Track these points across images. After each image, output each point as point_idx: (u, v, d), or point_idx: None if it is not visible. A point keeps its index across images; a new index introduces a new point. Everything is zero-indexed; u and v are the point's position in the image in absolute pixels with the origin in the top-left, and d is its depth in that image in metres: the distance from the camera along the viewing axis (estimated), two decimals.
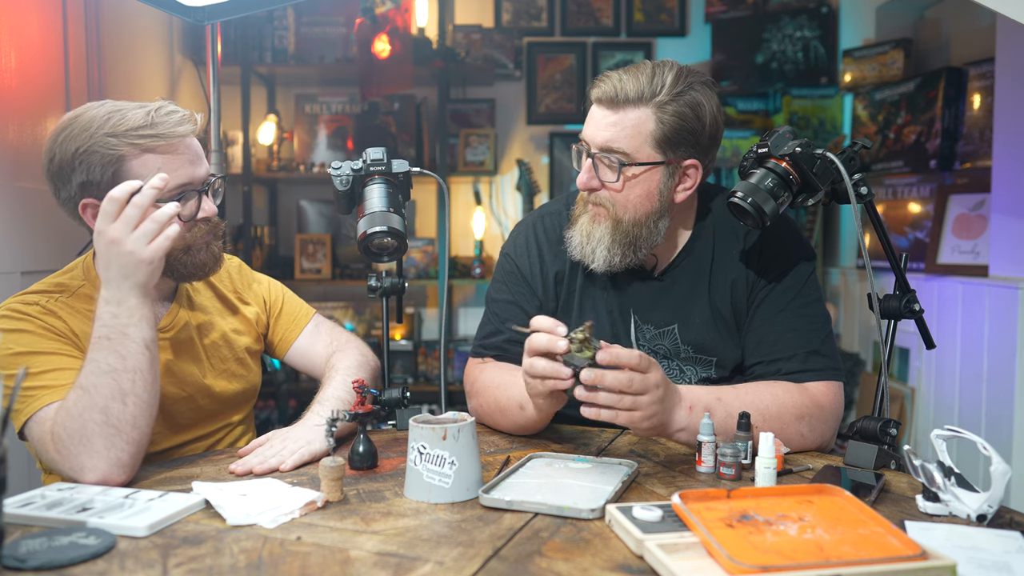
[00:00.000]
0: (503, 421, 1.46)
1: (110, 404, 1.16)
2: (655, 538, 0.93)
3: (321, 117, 3.86)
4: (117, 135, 1.28)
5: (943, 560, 0.86)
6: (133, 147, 1.28)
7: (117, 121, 1.28)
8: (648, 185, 1.40)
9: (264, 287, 1.64)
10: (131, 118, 1.29)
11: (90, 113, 1.30)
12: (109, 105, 1.32)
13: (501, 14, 3.94)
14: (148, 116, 1.29)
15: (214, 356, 1.49)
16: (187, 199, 1.33)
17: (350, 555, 0.94)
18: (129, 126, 1.28)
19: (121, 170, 1.29)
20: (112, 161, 1.28)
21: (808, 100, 3.79)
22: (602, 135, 1.38)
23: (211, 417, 1.48)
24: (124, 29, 2.91)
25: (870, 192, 1.36)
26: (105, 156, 1.28)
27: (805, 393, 1.38)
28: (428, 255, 3.82)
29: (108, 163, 1.28)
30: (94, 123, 1.29)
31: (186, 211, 1.33)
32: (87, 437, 1.14)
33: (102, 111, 1.30)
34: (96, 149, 1.28)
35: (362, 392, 1.34)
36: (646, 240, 1.43)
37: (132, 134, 1.28)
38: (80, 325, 1.31)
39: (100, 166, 1.28)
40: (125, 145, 1.28)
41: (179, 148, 1.31)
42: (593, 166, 1.40)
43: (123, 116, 1.29)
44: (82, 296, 1.35)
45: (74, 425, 1.15)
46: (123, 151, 1.28)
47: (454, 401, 3.64)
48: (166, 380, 1.38)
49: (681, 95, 1.36)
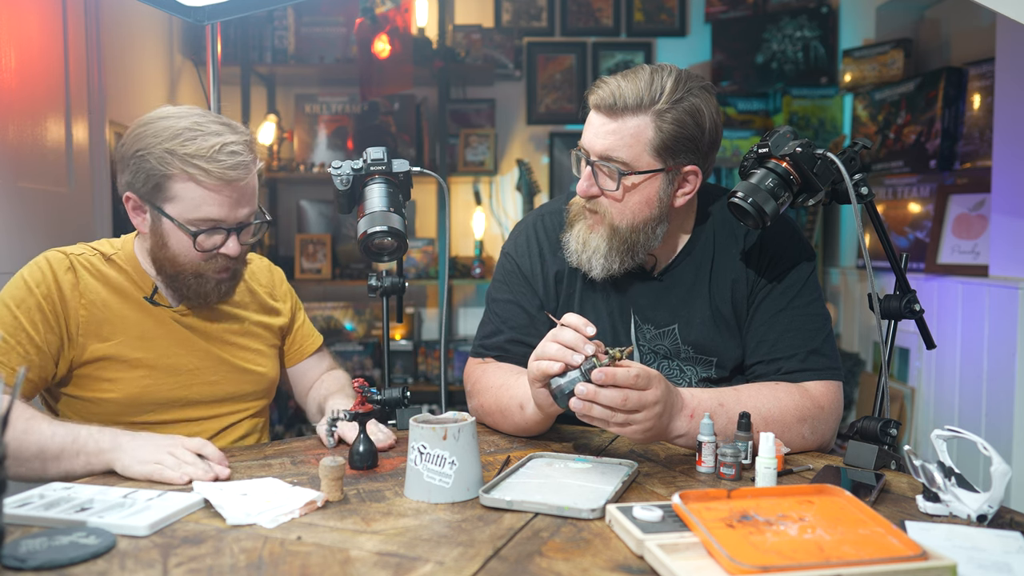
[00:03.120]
0: (503, 422, 1.46)
1: (32, 460, 1.25)
2: (655, 538, 0.93)
3: (321, 117, 3.86)
4: (175, 154, 1.34)
5: (943, 560, 0.86)
6: (182, 171, 1.34)
7: (184, 141, 1.34)
8: (647, 192, 1.39)
9: (293, 297, 1.71)
10: (197, 144, 1.34)
11: (169, 122, 1.37)
12: (190, 121, 1.37)
13: (501, 14, 3.94)
14: (211, 149, 1.34)
15: (234, 340, 1.54)
16: (214, 233, 1.39)
17: (350, 555, 0.94)
18: (188, 151, 1.34)
19: (163, 185, 1.36)
20: (159, 175, 1.35)
21: (808, 100, 3.78)
22: (601, 143, 1.37)
23: (223, 400, 1.52)
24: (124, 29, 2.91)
25: (870, 192, 1.36)
26: (155, 168, 1.35)
27: (806, 395, 1.38)
28: (428, 255, 3.82)
29: (154, 175, 1.36)
30: (165, 133, 1.35)
31: (208, 243, 1.40)
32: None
33: (180, 125, 1.36)
34: (150, 158, 1.35)
35: (362, 392, 1.34)
36: (644, 246, 1.43)
37: (188, 159, 1.34)
38: (92, 291, 1.41)
39: (146, 173, 1.36)
40: (176, 166, 1.34)
41: (223, 189, 1.36)
42: (592, 173, 1.40)
43: (192, 138, 1.34)
44: (113, 262, 1.46)
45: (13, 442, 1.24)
46: (172, 171, 1.35)
47: (454, 401, 3.64)
48: (183, 350, 1.47)
49: (680, 102, 1.35)
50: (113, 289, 1.44)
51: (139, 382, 1.43)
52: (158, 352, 1.45)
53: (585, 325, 1.19)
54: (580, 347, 1.17)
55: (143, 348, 1.44)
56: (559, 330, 1.21)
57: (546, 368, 1.19)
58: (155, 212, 1.39)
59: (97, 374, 1.41)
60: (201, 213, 1.37)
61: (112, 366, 1.41)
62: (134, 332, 1.44)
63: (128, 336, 1.43)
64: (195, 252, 1.39)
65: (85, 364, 1.41)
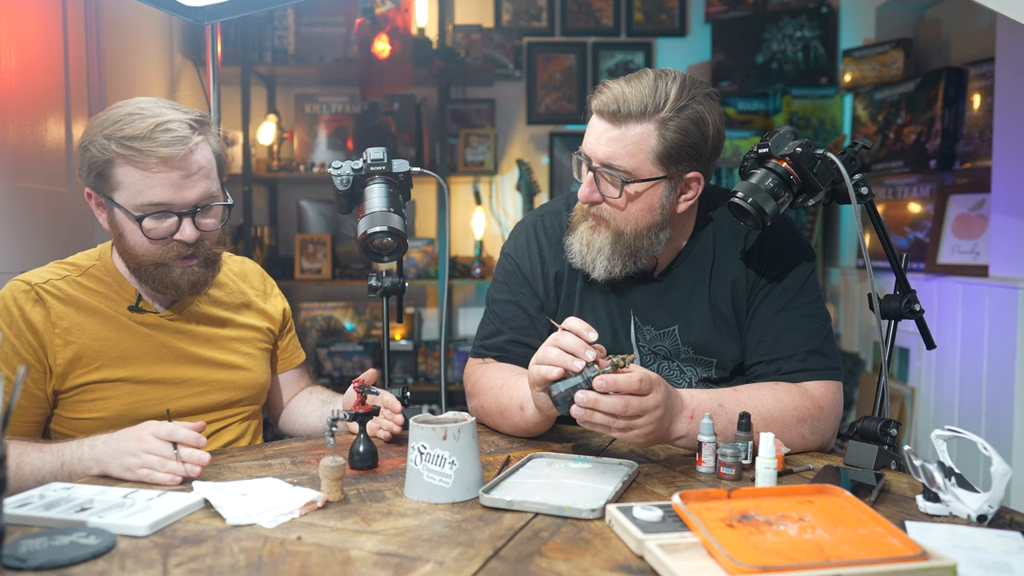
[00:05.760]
0: (503, 423, 1.45)
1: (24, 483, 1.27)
2: (655, 538, 0.93)
3: (321, 117, 3.86)
4: (112, 139, 1.31)
5: (943, 560, 0.86)
6: (119, 156, 1.31)
7: (122, 126, 1.31)
8: (650, 199, 1.38)
9: (285, 304, 1.69)
10: (135, 127, 1.31)
11: (114, 111, 1.35)
12: (134, 107, 1.34)
13: (501, 14, 3.93)
14: (147, 129, 1.30)
15: (223, 344, 1.52)
16: (164, 218, 1.34)
17: (350, 555, 0.94)
18: (125, 134, 1.30)
19: (106, 173, 1.33)
20: (99, 163, 1.33)
21: (808, 100, 3.78)
22: (603, 150, 1.36)
23: (212, 409, 1.50)
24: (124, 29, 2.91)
25: (870, 192, 1.36)
26: (95, 156, 1.32)
27: (806, 395, 1.38)
28: (428, 255, 3.82)
29: (95, 163, 1.33)
30: (106, 122, 1.33)
31: (159, 230, 1.35)
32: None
33: (122, 112, 1.34)
34: (92, 147, 1.33)
35: (362, 392, 1.34)
36: (647, 250, 1.42)
37: (123, 142, 1.30)
38: (65, 319, 1.37)
39: (89, 163, 1.34)
40: (113, 151, 1.31)
41: (163, 169, 1.31)
42: (594, 179, 1.39)
43: (131, 122, 1.31)
44: (91, 275, 1.43)
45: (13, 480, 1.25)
46: (110, 156, 1.32)
47: (454, 401, 3.64)
48: (169, 362, 1.44)
49: (684, 109, 1.33)
50: (88, 312, 1.40)
51: (125, 399, 1.40)
52: (142, 368, 1.42)
53: (587, 330, 1.18)
54: (581, 353, 1.17)
55: (126, 367, 1.41)
56: (560, 335, 1.20)
57: (546, 373, 1.19)
58: (108, 203, 1.36)
59: (81, 397, 1.39)
60: (145, 198, 1.32)
61: (96, 388, 1.39)
62: (114, 353, 1.40)
63: (109, 358, 1.40)
64: (147, 241, 1.34)
65: (68, 391, 1.38)
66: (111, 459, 1.22)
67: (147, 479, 1.19)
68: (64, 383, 1.38)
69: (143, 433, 1.22)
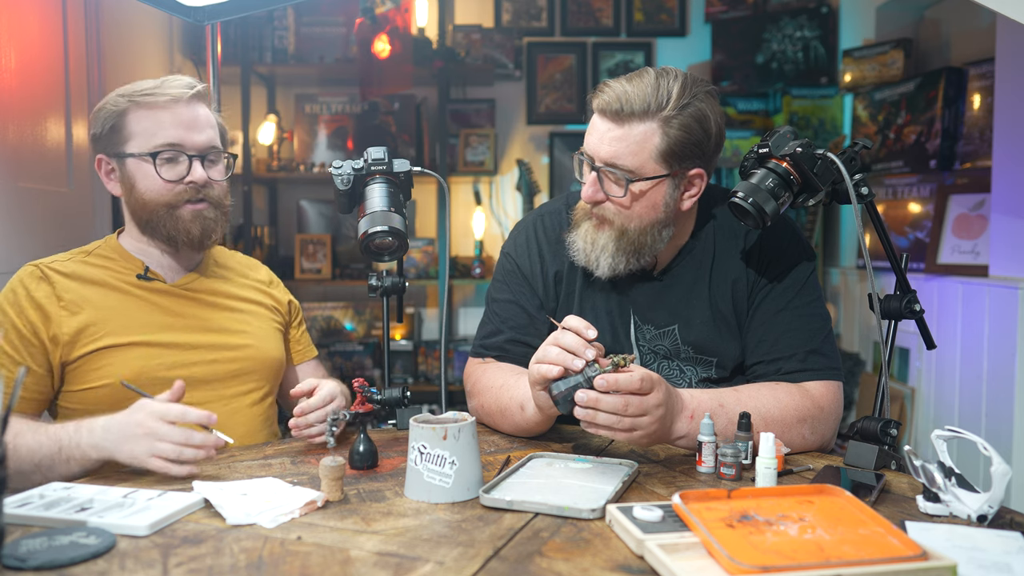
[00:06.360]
0: (503, 422, 1.45)
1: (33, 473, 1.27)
2: (655, 538, 0.93)
3: (321, 117, 3.86)
4: (125, 95, 1.43)
5: (943, 560, 0.86)
6: (132, 104, 1.43)
7: (134, 86, 1.45)
8: (654, 198, 1.38)
9: (288, 296, 1.72)
10: (145, 84, 1.45)
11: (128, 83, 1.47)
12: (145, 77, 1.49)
13: (501, 14, 3.93)
14: (157, 82, 1.44)
15: (234, 315, 1.55)
16: (176, 162, 1.43)
17: (350, 555, 0.94)
18: (136, 88, 1.44)
19: (118, 124, 1.44)
20: (112, 115, 1.44)
21: (808, 100, 3.78)
22: (606, 150, 1.36)
23: (226, 378, 1.50)
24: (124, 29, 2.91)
25: (870, 192, 1.36)
26: (109, 112, 1.44)
27: (807, 395, 1.38)
28: (428, 255, 3.82)
29: (109, 117, 1.44)
30: (121, 88, 1.46)
31: (172, 172, 1.44)
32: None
33: (133, 81, 1.47)
34: (106, 106, 1.45)
35: (363, 392, 1.34)
36: (650, 248, 1.42)
37: (136, 94, 1.43)
38: (69, 292, 1.42)
39: (102, 119, 1.45)
40: (126, 102, 1.43)
41: (172, 108, 1.43)
42: (597, 179, 1.39)
43: (141, 82, 1.45)
44: (96, 254, 1.50)
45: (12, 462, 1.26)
46: (123, 107, 1.43)
47: (454, 401, 3.63)
48: (178, 326, 1.48)
49: (686, 108, 1.33)
50: (94, 283, 1.45)
51: (133, 364, 1.41)
52: (151, 333, 1.44)
53: (586, 328, 1.19)
54: (581, 351, 1.17)
55: (134, 332, 1.43)
56: (560, 334, 1.20)
57: (546, 372, 1.19)
58: (119, 161, 1.45)
59: (88, 366, 1.40)
60: (158, 139, 1.42)
61: (104, 354, 1.41)
62: (120, 320, 1.43)
63: (116, 324, 1.42)
64: (160, 182, 1.42)
65: (76, 360, 1.40)
66: (115, 446, 1.22)
67: (161, 470, 1.19)
68: (72, 352, 1.40)
69: (146, 419, 1.20)
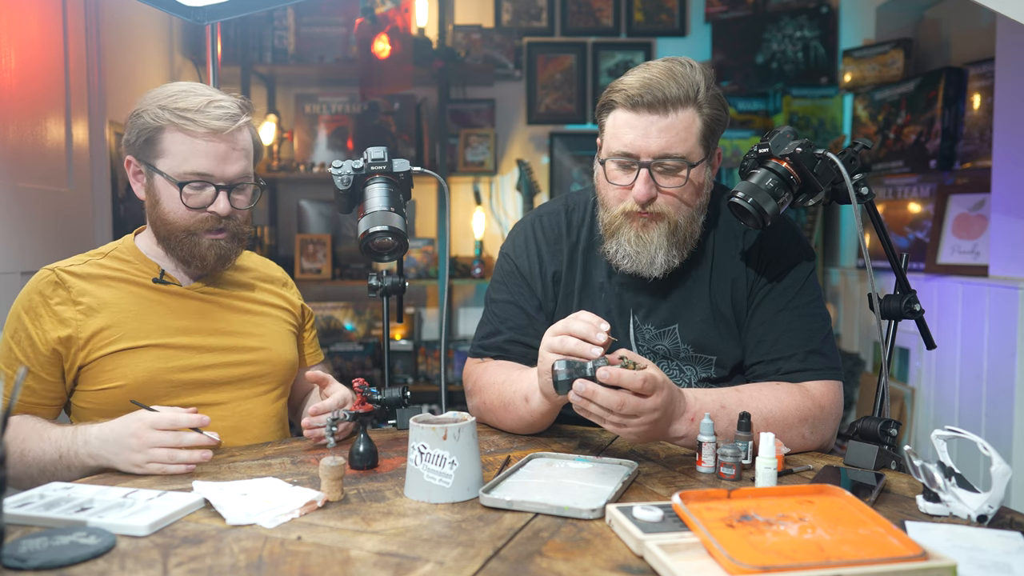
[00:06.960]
0: (506, 417, 1.45)
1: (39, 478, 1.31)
2: (655, 538, 0.93)
3: (321, 117, 3.86)
4: (166, 109, 1.40)
5: (943, 560, 0.86)
6: (171, 123, 1.39)
7: (177, 99, 1.41)
8: (699, 181, 1.41)
9: (300, 300, 1.71)
10: (189, 101, 1.40)
11: (167, 87, 1.44)
12: (186, 85, 1.45)
13: (501, 14, 3.93)
14: (201, 104, 1.40)
15: (248, 318, 1.55)
16: (202, 189, 1.42)
17: (350, 555, 0.94)
18: (179, 105, 1.40)
19: (154, 138, 1.41)
20: (149, 129, 1.41)
21: (808, 100, 3.78)
22: (656, 142, 1.36)
23: (239, 381, 1.51)
24: (124, 29, 2.91)
25: (870, 192, 1.36)
26: (147, 123, 1.41)
27: (807, 395, 1.38)
28: (428, 255, 3.82)
29: (146, 129, 1.41)
30: (160, 95, 1.43)
31: (197, 200, 1.42)
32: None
33: (176, 88, 1.44)
34: (145, 115, 1.41)
35: (363, 392, 1.34)
36: (692, 236, 1.44)
37: (178, 112, 1.39)
38: (85, 295, 1.42)
39: (139, 129, 1.42)
40: (166, 119, 1.39)
41: (211, 140, 1.40)
42: (649, 175, 1.38)
43: (185, 97, 1.41)
44: (113, 256, 1.49)
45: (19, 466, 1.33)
46: (162, 123, 1.40)
47: (454, 401, 3.63)
48: (193, 328, 1.48)
49: (710, 90, 1.38)
50: (110, 285, 1.45)
51: (148, 366, 1.42)
52: (166, 333, 1.45)
53: (599, 322, 1.20)
54: (593, 336, 1.18)
55: (150, 334, 1.44)
56: (583, 312, 1.22)
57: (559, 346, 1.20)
58: (148, 171, 1.43)
59: (103, 367, 1.41)
60: (189, 166, 1.40)
61: (120, 356, 1.41)
62: (136, 323, 1.43)
63: (132, 326, 1.43)
64: (183, 208, 1.41)
65: (92, 362, 1.41)
66: (113, 456, 1.26)
67: (160, 472, 1.23)
68: (88, 355, 1.41)
69: (140, 430, 1.25)
